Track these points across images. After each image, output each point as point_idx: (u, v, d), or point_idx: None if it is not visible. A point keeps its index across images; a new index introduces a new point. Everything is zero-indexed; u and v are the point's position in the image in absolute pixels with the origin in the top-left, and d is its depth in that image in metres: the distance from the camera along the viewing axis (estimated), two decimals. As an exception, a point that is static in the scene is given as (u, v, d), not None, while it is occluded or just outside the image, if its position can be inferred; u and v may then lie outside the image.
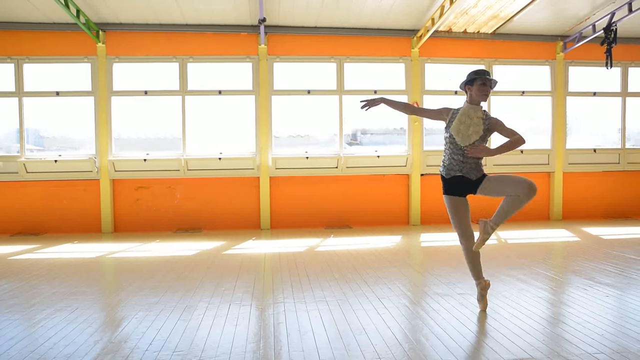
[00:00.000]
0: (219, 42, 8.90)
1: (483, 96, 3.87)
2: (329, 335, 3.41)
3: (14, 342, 3.34)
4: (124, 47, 8.74)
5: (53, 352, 3.16)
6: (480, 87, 3.85)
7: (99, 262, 6.27)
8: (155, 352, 3.14)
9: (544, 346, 3.14)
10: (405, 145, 9.34)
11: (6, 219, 8.65)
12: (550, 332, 3.42)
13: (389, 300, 4.25)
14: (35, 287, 4.87)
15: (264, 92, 8.91)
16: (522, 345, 3.15)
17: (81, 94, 8.78)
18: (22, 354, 3.14)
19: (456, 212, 4.05)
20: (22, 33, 8.56)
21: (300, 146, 9.24)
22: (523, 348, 3.11)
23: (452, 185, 3.99)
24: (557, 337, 3.30)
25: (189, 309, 4.08)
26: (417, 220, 9.26)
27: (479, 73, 3.88)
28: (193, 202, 8.94)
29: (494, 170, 9.38)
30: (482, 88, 3.85)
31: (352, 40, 9.12)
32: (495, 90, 9.17)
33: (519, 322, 3.60)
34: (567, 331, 3.41)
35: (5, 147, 8.89)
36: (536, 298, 4.25)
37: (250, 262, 6.04)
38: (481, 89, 3.85)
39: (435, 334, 3.39)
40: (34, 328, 3.66)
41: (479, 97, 3.88)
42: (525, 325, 3.53)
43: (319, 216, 9.16)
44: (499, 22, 8.80)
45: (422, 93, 9.28)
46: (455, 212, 4.05)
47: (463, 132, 3.87)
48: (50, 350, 3.19)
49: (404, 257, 6.28)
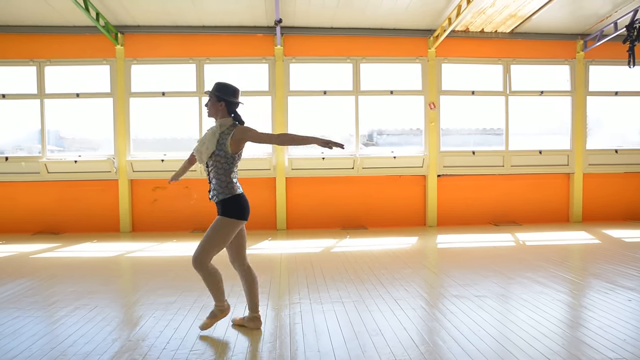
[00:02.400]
0: (235, 43, 8.95)
1: (208, 112, 3.64)
2: (344, 336, 3.40)
3: (35, 339, 3.40)
4: (141, 49, 8.84)
5: (73, 350, 3.20)
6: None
7: (117, 261, 6.35)
8: (172, 351, 3.17)
9: (563, 350, 3.09)
10: (422, 145, 9.29)
11: (27, 218, 8.81)
12: (570, 336, 3.37)
13: (405, 301, 4.23)
14: (55, 285, 4.95)
15: (280, 93, 8.93)
16: (541, 349, 3.11)
17: (100, 96, 8.90)
18: (43, 350, 3.19)
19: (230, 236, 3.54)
20: (44, 36, 8.71)
21: (316, 147, 9.20)
22: (542, 352, 3.06)
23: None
24: (577, 342, 3.25)
25: (206, 308, 4.11)
26: (434, 222, 9.20)
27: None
28: (209, 203, 8.96)
29: (511, 170, 9.29)
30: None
31: (368, 40, 9.09)
32: (514, 90, 9.23)
33: (538, 326, 3.55)
34: (587, 335, 3.35)
35: (27, 148, 9.06)
36: (555, 301, 4.19)
37: (266, 262, 6.05)
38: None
39: (452, 336, 3.36)
40: (54, 326, 3.72)
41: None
42: (544, 329, 3.48)
43: (334, 217, 9.15)
44: (516, 21, 8.70)
45: (439, 93, 9.21)
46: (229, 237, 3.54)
47: (198, 149, 3.59)
48: (70, 348, 3.23)
49: (420, 258, 6.24)
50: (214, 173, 3.52)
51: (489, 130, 9.62)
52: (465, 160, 9.28)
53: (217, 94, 3.58)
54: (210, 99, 3.61)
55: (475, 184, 9.36)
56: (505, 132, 9.36)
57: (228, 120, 3.60)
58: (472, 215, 9.32)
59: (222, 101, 3.59)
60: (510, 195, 9.41)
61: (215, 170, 3.51)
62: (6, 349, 3.22)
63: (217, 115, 3.60)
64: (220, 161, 3.49)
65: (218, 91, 3.59)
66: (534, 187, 9.44)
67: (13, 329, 3.61)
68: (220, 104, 3.59)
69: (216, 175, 3.51)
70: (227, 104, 3.60)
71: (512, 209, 9.41)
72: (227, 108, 3.61)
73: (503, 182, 9.39)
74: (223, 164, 3.49)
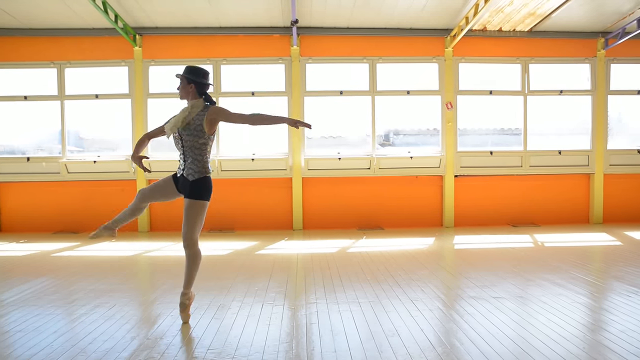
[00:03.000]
0: (251, 44, 8.99)
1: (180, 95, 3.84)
2: (361, 337, 3.39)
3: (56, 336, 3.46)
4: (159, 50, 8.93)
5: (93, 347, 3.25)
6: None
7: (135, 260, 6.42)
8: (190, 350, 3.19)
9: (583, 354, 3.04)
10: (439, 145, 9.22)
11: (48, 218, 8.96)
12: (590, 339, 3.31)
13: (422, 302, 4.20)
14: (75, 283, 5.02)
15: (296, 93, 8.95)
16: (561, 352, 3.06)
17: (119, 97, 9.02)
18: (64, 347, 3.24)
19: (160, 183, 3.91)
20: (65, 39, 8.86)
21: (332, 147, 9.24)
22: (561, 354, 3.02)
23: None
24: (598, 345, 3.19)
25: (223, 307, 4.13)
26: (451, 222, 9.13)
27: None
28: (226, 202, 9.05)
29: (530, 171, 9.18)
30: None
31: (384, 40, 9.07)
32: (532, 90, 9.12)
33: (557, 328, 3.50)
34: (609, 339, 3.29)
35: (47, 149, 9.22)
36: (575, 303, 4.12)
37: (282, 262, 6.07)
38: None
39: (470, 338, 3.33)
40: (74, 323, 3.77)
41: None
42: (563, 331, 3.43)
43: (351, 217, 9.14)
44: (535, 20, 8.59)
45: (456, 93, 9.14)
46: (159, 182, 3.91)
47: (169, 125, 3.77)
48: (90, 345, 3.28)
49: (437, 259, 6.20)
50: (190, 152, 3.72)
51: (507, 130, 9.52)
52: (483, 160, 9.20)
53: (188, 77, 3.76)
54: (181, 81, 3.79)
55: (493, 185, 9.26)
56: (523, 132, 9.25)
57: (200, 101, 3.77)
58: (489, 216, 9.22)
59: (192, 83, 3.77)
60: (528, 196, 9.30)
61: (191, 150, 3.71)
62: (29, 346, 3.28)
63: (188, 97, 3.79)
64: (198, 141, 3.70)
65: (188, 74, 3.77)
66: (553, 188, 9.31)
67: (35, 326, 3.68)
68: (190, 86, 3.77)
69: (192, 154, 3.71)
70: (197, 86, 3.77)
71: (531, 210, 9.29)
72: (197, 90, 3.79)
73: (521, 182, 9.28)
74: (201, 145, 3.72)
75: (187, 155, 3.74)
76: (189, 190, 3.71)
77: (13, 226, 9.02)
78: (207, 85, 3.83)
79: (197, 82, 3.77)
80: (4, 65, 8.91)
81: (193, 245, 3.74)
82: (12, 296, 4.57)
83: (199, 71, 3.79)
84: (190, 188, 3.71)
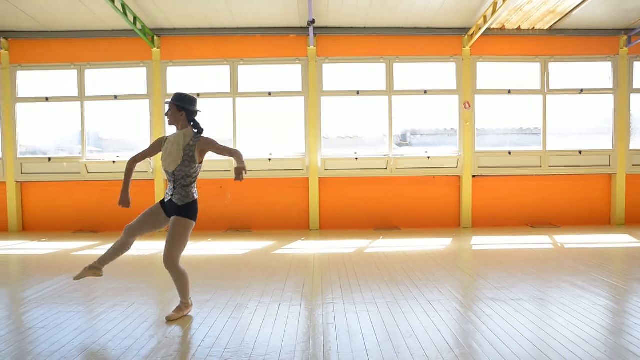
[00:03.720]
0: (268, 44, 9.02)
1: (169, 121, 3.90)
2: (378, 337, 3.38)
3: (77, 333, 3.51)
4: (177, 51, 9.02)
5: (112, 344, 3.29)
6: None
7: (153, 259, 6.49)
8: (208, 349, 3.22)
9: (605, 357, 2.98)
10: (456, 146, 9.15)
11: (69, 217, 9.11)
12: (612, 342, 3.25)
13: (439, 303, 4.17)
14: (95, 282, 5.09)
15: (313, 93, 8.96)
16: (581, 355, 3.01)
17: (137, 97, 9.13)
18: (85, 344, 3.29)
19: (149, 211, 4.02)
20: (84, 41, 9.00)
21: (349, 147, 9.23)
22: (582, 358, 2.97)
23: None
24: (620, 348, 3.13)
25: (240, 307, 4.15)
26: (469, 223, 9.05)
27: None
28: (243, 202, 9.10)
29: (549, 171, 9.05)
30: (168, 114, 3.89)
31: (401, 40, 9.03)
32: (552, 89, 8.99)
33: (577, 331, 3.44)
34: (632, 343, 3.23)
35: (68, 149, 9.38)
36: (595, 306, 4.05)
37: (299, 262, 6.08)
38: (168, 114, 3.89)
39: (488, 340, 3.30)
40: (94, 321, 3.83)
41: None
42: (584, 334, 3.37)
43: (367, 217, 9.11)
44: (555, 18, 8.47)
45: (474, 93, 9.06)
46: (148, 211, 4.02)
47: (165, 158, 3.88)
48: (109, 343, 3.33)
49: (455, 260, 6.15)
50: (181, 180, 3.84)
51: (526, 130, 9.41)
52: (501, 160, 9.10)
53: (178, 104, 3.84)
54: (170, 109, 3.86)
55: (512, 185, 9.16)
56: (542, 131, 9.13)
57: (189, 130, 3.89)
58: (508, 216, 9.12)
59: (183, 110, 3.86)
60: (548, 197, 9.17)
61: (182, 178, 3.84)
62: (51, 342, 3.34)
63: (178, 124, 3.88)
64: (189, 171, 3.84)
65: (178, 101, 3.84)
66: (573, 189, 9.17)
67: (56, 323, 3.74)
68: (181, 113, 3.86)
69: (182, 183, 3.84)
70: (187, 113, 3.88)
71: (550, 211, 9.16)
72: (187, 117, 3.89)
73: (541, 183, 9.16)
74: (191, 173, 3.86)
75: (177, 182, 3.85)
76: (181, 211, 3.82)
77: (35, 225, 9.20)
78: (196, 112, 3.95)
79: (187, 109, 3.87)
80: (27, 68, 9.09)
81: (174, 266, 3.78)
82: (34, 293, 4.65)
83: (187, 98, 3.89)
84: (183, 210, 3.83)
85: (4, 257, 6.68)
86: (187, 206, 3.84)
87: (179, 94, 3.90)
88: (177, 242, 3.77)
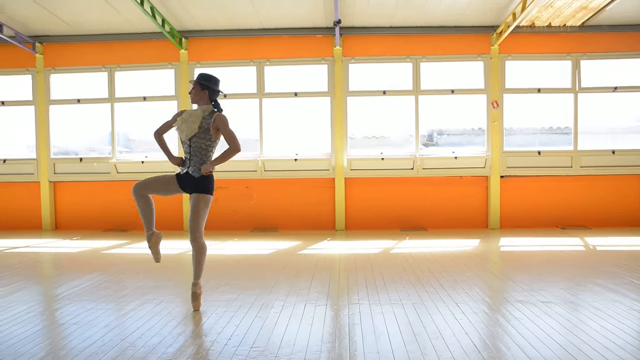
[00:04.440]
0: (294, 44, 9.05)
1: (192, 99, 4.15)
2: (404, 339, 3.35)
3: (107, 330, 3.59)
4: (204, 52, 9.13)
5: (141, 342, 3.35)
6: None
7: (180, 259, 6.58)
8: (234, 347, 3.24)
9: (640, 362, 2.89)
10: (484, 145, 9.01)
11: (99, 216, 9.32)
12: (647, 347, 3.15)
13: (466, 305, 4.11)
14: (124, 280, 5.20)
15: (339, 93, 8.95)
16: (616, 360, 2.92)
17: (165, 99, 9.27)
18: (115, 341, 3.36)
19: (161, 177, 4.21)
20: (114, 44, 9.20)
21: (375, 147, 9.19)
22: (616, 363, 2.89)
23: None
24: (656, 353, 3.03)
25: (266, 306, 4.17)
26: (497, 224, 8.90)
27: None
28: (269, 202, 9.15)
29: (580, 172, 8.83)
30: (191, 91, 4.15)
31: (428, 39, 8.94)
32: (584, 87, 8.76)
33: (611, 336, 3.34)
34: (667, 347, 3.12)
35: (98, 150, 9.60)
36: (631, 311, 3.93)
37: (325, 262, 6.08)
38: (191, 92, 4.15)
39: (517, 343, 3.23)
40: (124, 318, 3.90)
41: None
42: (618, 340, 3.27)
43: (393, 218, 9.05)
44: (588, 14, 8.25)
45: (502, 92, 8.90)
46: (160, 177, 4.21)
47: (179, 126, 4.12)
48: (138, 340, 3.38)
49: (482, 261, 6.05)
50: (197, 153, 4.06)
51: (556, 130, 9.21)
52: (531, 160, 8.92)
53: (202, 82, 4.09)
54: (194, 87, 4.10)
55: (541, 186, 8.96)
56: (574, 131, 8.91)
57: (209, 107, 4.13)
58: (537, 218, 8.93)
59: (206, 89, 4.11)
60: (579, 198, 8.94)
61: (199, 151, 4.05)
62: (82, 338, 3.42)
63: (200, 102, 4.12)
64: (206, 143, 4.05)
65: (202, 80, 4.09)
66: (605, 189, 8.92)
67: (87, 320, 3.83)
68: (204, 92, 4.11)
69: (199, 154, 4.06)
70: (209, 92, 4.13)
71: (582, 212, 8.93)
72: (209, 96, 4.13)
73: (571, 183, 8.94)
74: (207, 146, 4.07)
75: (193, 155, 4.07)
76: (197, 185, 4.05)
77: (67, 224, 9.44)
78: (219, 92, 4.18)
79: (211, 88, 4.11)
80: (60, 71, 9.33)
81: (200, 238, 4.04)
82: (66, 290, 4.77)
83: (213, 79, 4.13)
84: (198, 184, 4.04)
85: (38, 255, 6.88)
86: (204, 178, 4.05)
87: (204, 74, 4.12)
88: (202, 217, 4.03)
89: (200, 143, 4.04)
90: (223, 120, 4.07)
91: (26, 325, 3.72)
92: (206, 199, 4.05)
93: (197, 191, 4.04)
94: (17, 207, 9.50)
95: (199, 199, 4.03)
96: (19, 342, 3.35)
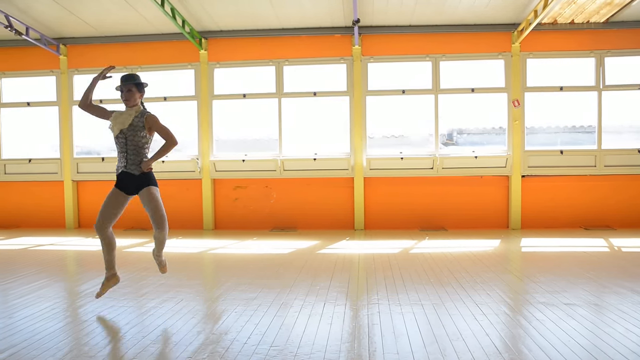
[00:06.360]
0: (313, 44, 9.06)
1: (124, 101, 4.26)
2: (424, 339, 3.32)
3: (129, 327, 3.64)
4: (224, 53, 9.19)
5: (162, 339, 3.39)
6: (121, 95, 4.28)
7: (201, 257, 6.64)
8: (254, 346, 3.26)
9: (668, 366, 2.82)
10: (505, 145, 8.90)
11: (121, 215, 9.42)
12: (675, 351, 3.07)
13: (487, 306, 4.07)
14: (145, 278, 5.26)
15: (358, 92, 8.92)
16: (642, 364, 2.86)
17: (185, 99, 9.37)
18: (137, 338, 3.41)
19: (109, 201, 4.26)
20: (135, 45, 9.33)
21: (394, 147, 9.14)
22: (642, 367, 2.82)
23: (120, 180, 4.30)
24: (684, 358, 2.95)
25: (285, 306, 4.18)
26: (518, 224, 8.78)
27: (120, 80, 4.26)
28: (288, 202, 9.18)
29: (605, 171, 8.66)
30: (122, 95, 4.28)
31: (447, 37, 8.86)
32: (608, 85, 8.59)
33: (638, 340, 3.27)
34: (696, 351, 3.04)
35: (120, 149, 9.71)
36: (657, 313, 3.84)
37: (344, 262, 6.07)
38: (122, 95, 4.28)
39: (539, 345, 3.18)
40: (145, 316, 3.95)
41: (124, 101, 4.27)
42: (644, 342, 3.20)
43: (413, 218, 9.00)
44: (612, 10, 8.08)
45: (524, 90, 8.78)
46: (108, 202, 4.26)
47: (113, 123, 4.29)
48: (159, 337, 3.42)
49: (503, 262, 5.97)
50: (133, 150, 4.23)
51: (579, 128, 9.04)
52: (553, 160, 8.78)
53: (140, 83, 4.32)
54: (131, 90, 4.26)
55: (564, 186, 8.81)
56: (597, 129, 8.74)
57: (139, 107, 4.32)
58: (559, 218, 8.79)
59: (143, 91, 4.36)
60: (603, 198, 8.77)
61: (135, 148, 4.23)
62: (104, 334, 3.47)
63: (135, 104, 4.30)
64: (142, 140, 4.25)
65: (139, 83, 4.31)
66: (631, 189, 8.73)
67: (110, 317, 3.89)
68: (140, 94, 4.34)
69: (135, 152, 4.24)
70: (142, 93, 4.37)
71: (606, 213, 8.75)
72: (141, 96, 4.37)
73: (595, 183, 8.77)
74: (144, 143, 4.28)
75: (129, 152, 4.23)
76: (142, 182, 4.24)
77: (90, 222, 9.59)
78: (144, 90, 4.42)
79: (144, 89, 4.37)
80: (83, 72, 9.49)
81: (165, 225, 4.22)
82: (89, 288, 4.86)
83: (139, 78, 4.36)
84: (142, 180, 4.24)
85: (61, 253, 7.01)
86: (147, 174, 4.28)
87: (131, 75, 4.30)
88: (160, 205, 4.22)
89: (136, 141, 4.21)
90: (154, 119, 4.26)
91: (50, 321, 3.79)
92: (156, 190, 4.27)
93: (145, 186, 4.22)
94: (42, 205, 9.70)
95: (150, 192, 4.20)
96: (43, 337, 3.42)
